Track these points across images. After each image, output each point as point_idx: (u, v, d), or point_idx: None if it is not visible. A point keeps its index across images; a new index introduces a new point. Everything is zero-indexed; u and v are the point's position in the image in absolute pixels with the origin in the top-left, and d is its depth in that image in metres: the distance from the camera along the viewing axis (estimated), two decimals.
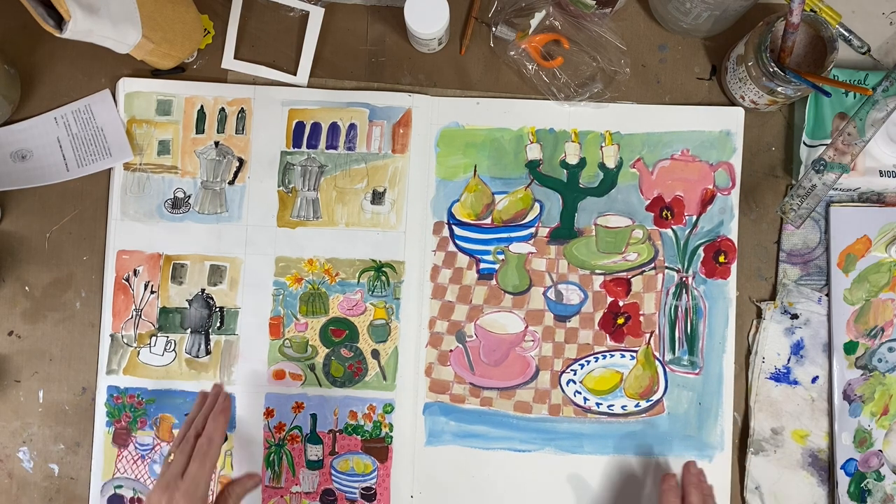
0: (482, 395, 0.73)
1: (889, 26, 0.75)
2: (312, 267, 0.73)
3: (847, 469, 0.72)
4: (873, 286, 0.73)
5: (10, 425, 0.72)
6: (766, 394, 0.73)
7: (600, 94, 0.73)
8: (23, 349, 0.73)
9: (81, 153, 0.73)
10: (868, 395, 0.73)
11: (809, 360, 0.73)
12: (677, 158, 0.74)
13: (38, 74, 0.74)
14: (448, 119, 0.74)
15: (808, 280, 0.73)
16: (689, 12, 0.69)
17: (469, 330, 0.73)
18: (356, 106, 0.74)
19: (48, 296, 0.73)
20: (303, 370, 0.73)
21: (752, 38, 0.67)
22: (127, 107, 0.73)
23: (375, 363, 0.73)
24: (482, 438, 0.73)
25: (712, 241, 0.73)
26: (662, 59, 0.75)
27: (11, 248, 0.73)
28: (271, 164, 0.74)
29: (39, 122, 0.73)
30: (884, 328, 0.73)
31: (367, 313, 0.73)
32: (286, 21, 0.75)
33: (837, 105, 0.72)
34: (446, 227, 0.73)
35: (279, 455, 0.72)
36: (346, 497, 0.72)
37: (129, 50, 0.65)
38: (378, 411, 0.72)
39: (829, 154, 0.68)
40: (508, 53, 0.73)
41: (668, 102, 0.74)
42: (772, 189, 0.74)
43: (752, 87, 0.69)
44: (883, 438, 0.73)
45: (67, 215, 0.73)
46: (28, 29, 0.72)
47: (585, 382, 0.73)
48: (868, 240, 0.73)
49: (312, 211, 0.73)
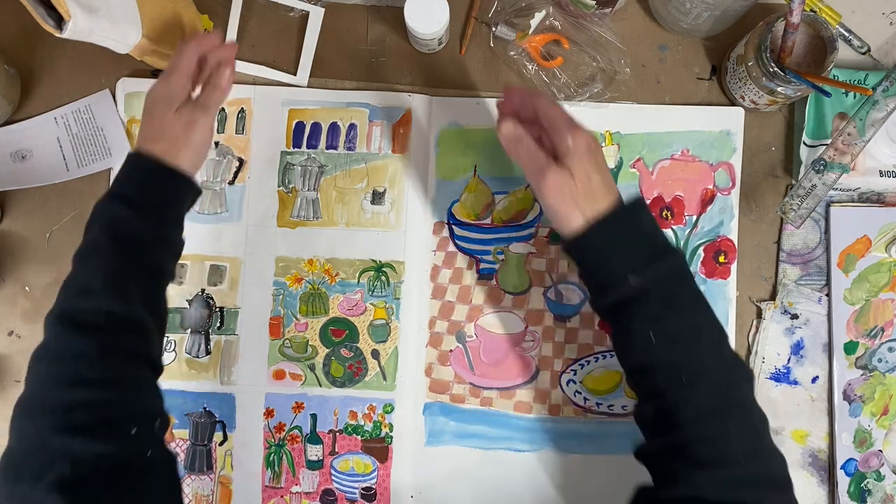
0: (482, 395, 0.73)
1: (889, 26, 0.75)
2: (312, 267, 0.73)
3: (847, 469, 0.72)
4: (873, 286, 0.73)
5: None
6: (766, 394, 0.73)
7: (600, 94, 0.73)
8: (23, 349, 0.73)
9: (81, 153, 0.73)
10: (868, 395, 0.73)
11: (809, 360, 0.73)
12: (677, 158, 0.74)
13: (38, 74, 0.74)
14: (448, 119, 0.74)
15: (808, 280, 0.73)
16: (689, 12, 0.69)
17: (469, 330, 0.73)
18: (356, 106, 0.74)
19: (48, 296, 0.73)
20: (303, 370, 0.73)
21: (752, 38, 0.67)
22: (127, 107, 0.73)
23: (375, 363, 0.73)
24: (482, 438, 0.72)
25: (712, 241, 0.73)
26: (662, 59, 0.75)
27: (11, 248, 0.73)
28: (271, 164, 0.74)
29: (39, 122, 0.73)
30: (884, 328, 0.73)
31: (367, 313, 0.73)
32: (286, 21, 0.75)
33: (837, 105, 0.72)
34: (446, 227, 0.73)
35: (279, 455, 0.72)
36: (346, 497, 0.72)
37: (129, 50, 0.65)
38: (378, 411, 0.72)
39: (829, 154, 0.68)
40: (508, 53, 0.73)
41: (668, 102, 0.74)
42: (772, 189, 0.74)
43: (752, 87, 0.69)
44: (883, 438, 0.73)
45: (67, 215, 0.73)
46: (28, 29, 0.72)
47: (585, 382, 0.73)
48: (868, 240, 0.73)
49: (312, 211, 0.73)
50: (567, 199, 0.54)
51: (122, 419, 0.51)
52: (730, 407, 0.52)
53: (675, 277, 0.55)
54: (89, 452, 0.48)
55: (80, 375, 0.51)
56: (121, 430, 0.51)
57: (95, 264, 0.55)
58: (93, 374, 0.51)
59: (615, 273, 0.54)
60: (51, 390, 0.51)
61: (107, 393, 0.51)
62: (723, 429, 0.51)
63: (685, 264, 0.56)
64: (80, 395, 0.50)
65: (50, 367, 0.52)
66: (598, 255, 0.55)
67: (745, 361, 0.55)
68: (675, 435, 0.52)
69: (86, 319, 0.53)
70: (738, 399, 0.53)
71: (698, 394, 0.52)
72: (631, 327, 0.55)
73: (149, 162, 0.58)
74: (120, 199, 0.57)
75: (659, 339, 0.53)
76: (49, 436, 0.48)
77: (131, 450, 0.50)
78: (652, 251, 0.55)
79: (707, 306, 0.56)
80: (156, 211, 0.58)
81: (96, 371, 0.52)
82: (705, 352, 0.54)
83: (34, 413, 0.50)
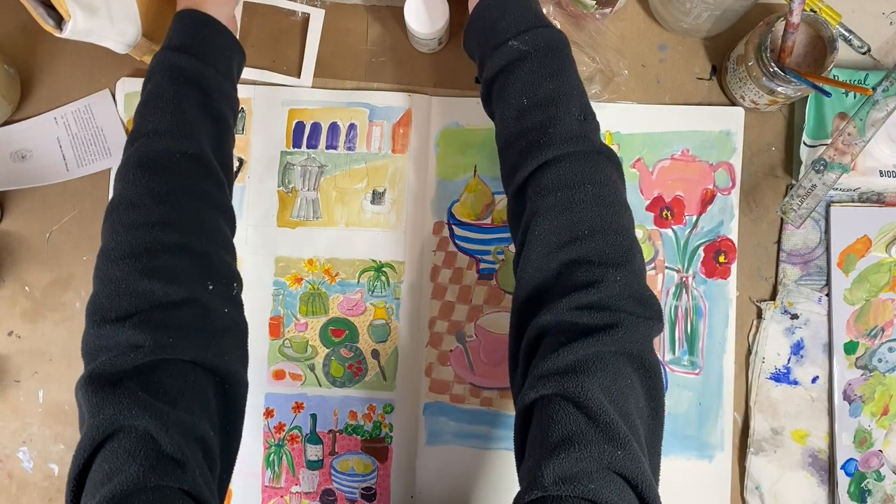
0: (482, 395, 0.73)
1: (889, 26, 0.75)
2: (312, 267, 0.73)
3: (847, 469, 0.72)
4: (873, 286, 0.73)
5: (10, 425, 0.72)
6: (766, 394, 0.73)
7: (598, 94, 0.73)
8: (23, 349, 0.73)
9: (81, 153, 0.73)
10: (868, 396, 0.73)
11: (809, 360, 0.73)
12: (677, 158, 0.74)
13: (38, 74, 0.74)
14: (448, 119, 0.74)
15: (809, 280, 0.73)
16: (689, 12, 0.69)
17: (469, 330, 0.73)
18: (356, 106, 0.74)
19: (48, 296, 0.73)
20: (303, 370, 0.73)
21: (752, 38, 0.67)
22: (127, 107, 0.73)
23: (375, 363, 0.73)
24: (482, 438, 0.72)
25: (712, 241, 0.73)
26: (662, 59, 0.75)
27: (11, 248, 0.73)
28: (271, 164, 0.74)
29: (39, 122, 0.73)
30: (884, 328, 0.73)
31: (367, 313, 0.73)
32: (286, 24, 0.75)
33: (837, 105, 0.72)
34: (446, 227, 0.73)
35: (279, 455, 0.72)
36: (346, 497, 0.72)
37: (129, 50, 0.65)
38: (378, 411, 0.72)
39: (830, 154, 0.68)
40: None
41: (668, 102, 0.74)
42: (772, 189, 0.74)
43: (752, 87, 0.69)
44: (883, 438, 0.73)
45: (67, 215, 0.73)
46: (28, 29, 0.72)
47: None
48: (868, 240, 0.73)
49: (312, 211, 0.73)
50: None
51: (202, 274, 0.51)
52: (583, 182, 0.51)
53: (556, 49, 0.56)
54: (173, 297, 0.49)
55: (162, 217, 0.51)
56: (202, 284, 0.51)
57: (163, 108, 0.55)
58: (173, 217, 0.51)
59: (499, 37, 0.55)
60: (133, 234, 0.50)
61: (188, 237, 0.51)
62: (569, 200, 0.50)
63: (564, 36, 0.57)
64: (162, 237, 0.50)
65: (129, 211, 0.51)
66: (486, 22, 0.57)
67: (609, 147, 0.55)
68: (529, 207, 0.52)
69: (160, 160, 0.53)
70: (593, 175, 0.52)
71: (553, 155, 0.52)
72: (507, 93, 0.55)
73: (197, 14, 0.59)
74: (178, 49, 0.57)
75: (530, 104, 0.54)
76: (134, 280, 0.49)
77: (214, 301, 0.51)
78: (536, 21, 0.56)
79: (579, 81, 0.56)
80: (212, 59, 0.58)
81: (176, 213, 0.52)
82: (570, 118, 0.53)
83: (118, 258, 0.50)
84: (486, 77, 0.58)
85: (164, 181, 0.52)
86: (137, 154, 0.53)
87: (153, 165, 0.53)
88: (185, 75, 0.56)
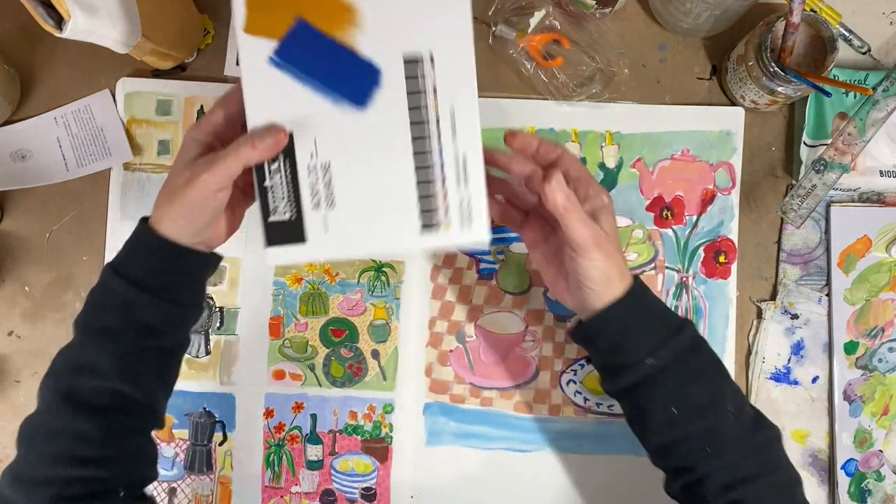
0: (482, 395, 0.73)
1: (889, 26, 0.75)
2: (312, 267, 0.73)
3: (847, 469, 0.72)
4: (873, 286, 0.73)
5: (10, 425, 0.72)
6: (766, 394, 0.73)
7: (599, 94, 0.73)
8: (23, 349, 0.73)
9: (81, 153, 0.73)
10: (868, 396, 0.73)
11: (809, 360, 0.73)
12: (677, 158, 0.74)
13: (38, 74, 0.74)
14: None
15: (809, 280, 0.73)
16: (689, 12, 0.69)
17: (469, 330, 0.73)
18: None
19: (48, 296, 0.73)
20: (303, 370, 0.73)
21: (752, 38, 0.67)
22: (127, 107, 0.73)
23: (375, 363, 0.73)
24: (482, 438, 0.72)
25: (712, 241, 0.73)
26: (662, 59, 0.75)
27: (11, 248, 0.73)
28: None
29: (39, 122, 0.73)
30: (884, 328, 0.73)
31: (367, 313, 0.73)
32: None
33: (838, 105, 0.72)
34: None
35: (279, 455, 0.72)
36: (346, 497, 0.72)
37: (129, 50, 0.65)
38: (378, 411, 0.72)
39: (830, 154, 0.68)
40: (508, 53, 0.73)
41: (668, 102, 0.74)
42: (772, 189, 0.74)
43: (752, 87, 0.69)
44: (883, 439, 0.73)
45: (67, 215, 0.73)
46: (28, 29, 0.72)
47: (586, 383, 0.73)
48: (868, 240, 0.73)
49: None
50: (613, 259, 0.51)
51: (116, 486, 0.52)
52: (758, 471, 0.51)
53: (693, 350, 0.54)
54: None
55: (80, 455, 0.50)
56: (114, 495, 0.51)
57: (104, 344, 0.51)
58: (93, 453, 0.51)
59: (634, 357, 0.52)
60: (48, 466, 0.50)
61: (105, 470, 0.51)
62: (754, 494, 0.50)
63: (696, 331, 0.54)
64: (77, 472, 0.50)
65: (49, 442, 0.51)
66: (614, 340, 0.53)
67: (767, 419, 0.55)
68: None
69: (90, 399, 0.51)
70: (767, 461, 0.52)
71: (725, 463, 0.51)
72: (650, 406, 0.53)
73: (157, 241, 0.51)
74: (129, 280, 0.51)
75: (682, 414, 0.52)
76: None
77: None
78: (667, 330, 0.53)
79: (723, 370, 0.54)
80: (170, 294, 0.53)
81: (97, 450, 0.51)
82: (729, 419, 0.52)
83: (28, 486, 0.50)
84: (616, 387, 0.55)
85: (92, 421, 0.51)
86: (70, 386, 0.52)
87: (82, 403, 0.51)
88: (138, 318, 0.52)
